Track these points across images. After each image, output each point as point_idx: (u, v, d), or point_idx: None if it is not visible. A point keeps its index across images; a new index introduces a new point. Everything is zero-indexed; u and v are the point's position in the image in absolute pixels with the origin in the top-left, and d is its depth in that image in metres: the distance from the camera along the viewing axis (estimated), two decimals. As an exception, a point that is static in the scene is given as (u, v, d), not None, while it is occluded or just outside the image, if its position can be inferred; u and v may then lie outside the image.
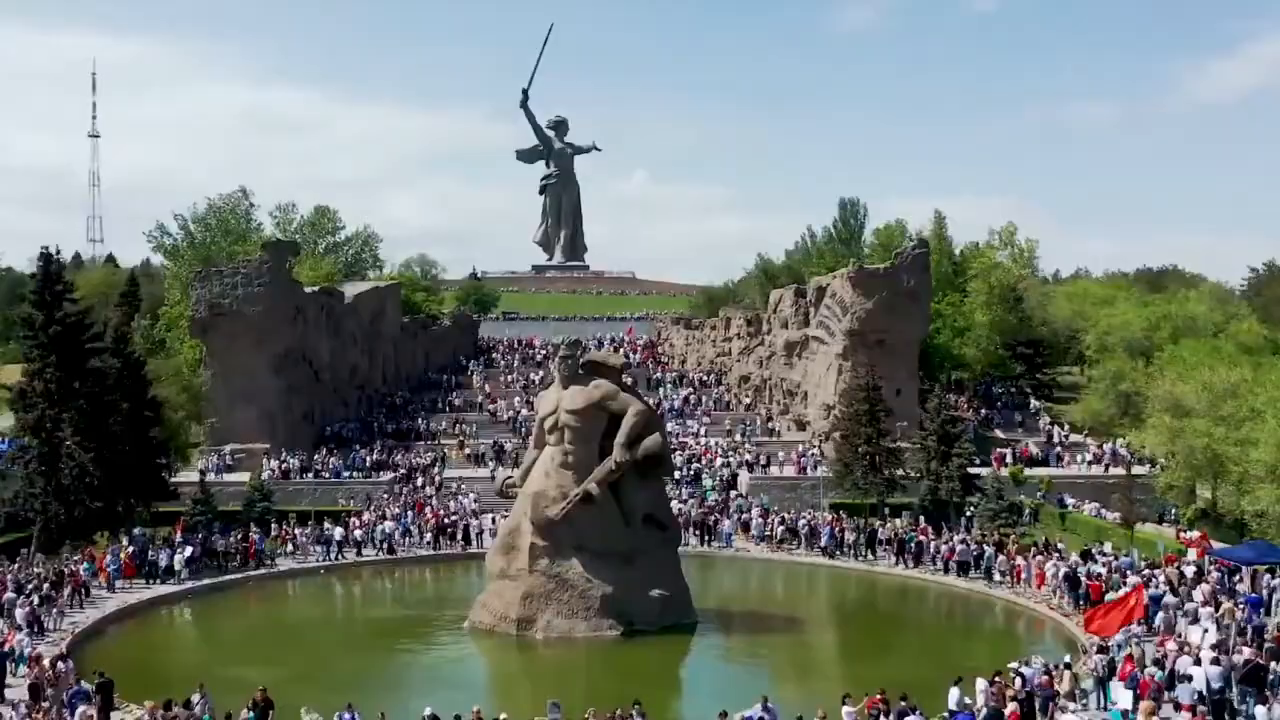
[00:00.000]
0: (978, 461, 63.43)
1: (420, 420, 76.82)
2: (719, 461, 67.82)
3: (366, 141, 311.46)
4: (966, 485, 53.24)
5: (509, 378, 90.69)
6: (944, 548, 48.97)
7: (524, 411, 77.52)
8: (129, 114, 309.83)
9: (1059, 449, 70.57)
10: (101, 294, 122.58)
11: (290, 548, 50.29)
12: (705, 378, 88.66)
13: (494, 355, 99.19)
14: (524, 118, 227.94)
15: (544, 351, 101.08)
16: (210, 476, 64.52)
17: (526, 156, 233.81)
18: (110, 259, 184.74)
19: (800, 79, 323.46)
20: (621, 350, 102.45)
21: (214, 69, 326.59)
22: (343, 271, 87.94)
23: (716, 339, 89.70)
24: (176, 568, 45.94)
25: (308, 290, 73.45)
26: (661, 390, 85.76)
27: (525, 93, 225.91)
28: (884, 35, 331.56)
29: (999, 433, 78.38)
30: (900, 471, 55.88)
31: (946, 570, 48.08)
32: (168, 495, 53.11)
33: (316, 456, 66.83)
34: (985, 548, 47.61)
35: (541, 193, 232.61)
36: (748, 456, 67.32)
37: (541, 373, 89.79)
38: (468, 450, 71.32)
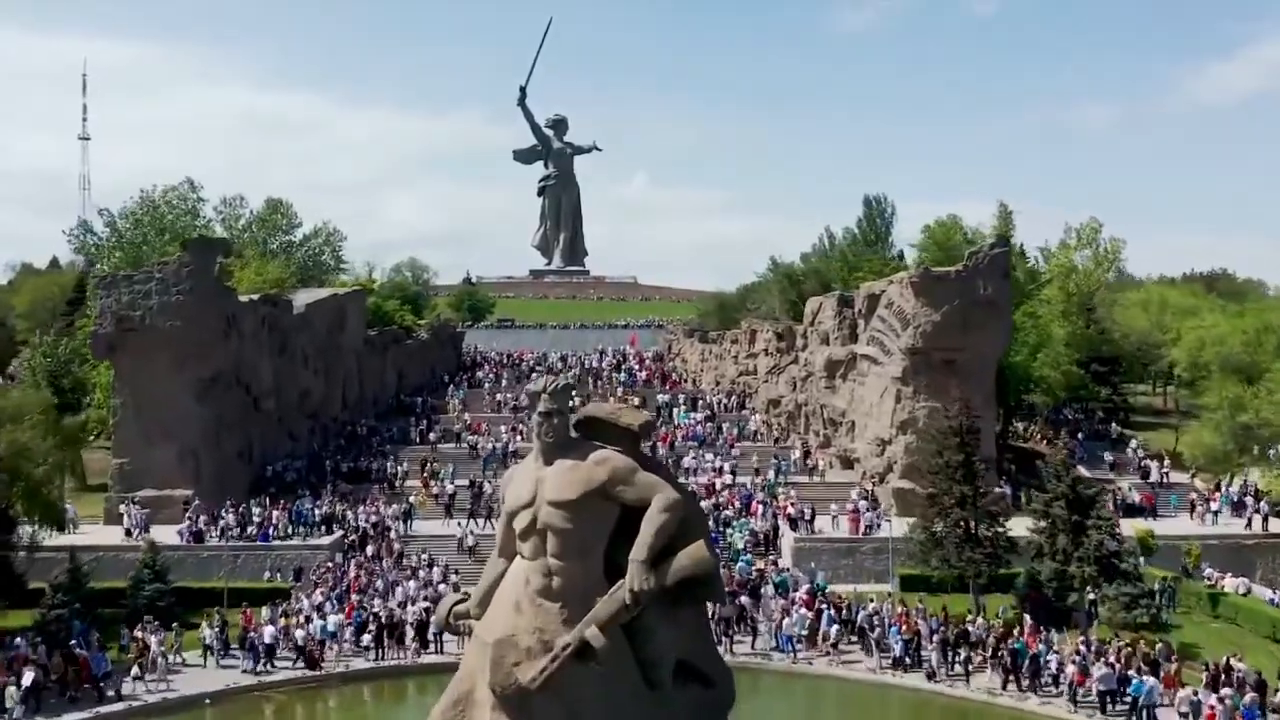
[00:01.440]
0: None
1: (384, 458, 61.56)
2: (757, 512, 52.68)
3: (366, 145, 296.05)
4: (1106, 568, 38.04)
5: (497, 397, 75.51)
6: (1071, 666, 34.06)
7: (516, 443, 62.70)
8: (129, 117, 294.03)
9: (1193, 497, 55.57)
10: (48, 301, 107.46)
11: (138, 670, 33.88)
12: (726, 400, 73.53)
13: (480, 372, 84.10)
14: (522, 117, 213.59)
15: (538, 371, 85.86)
16: (134, 536, 49.73)
17: (524, 157, 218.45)
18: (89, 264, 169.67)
19: (800, 80, 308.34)
20: (623, 366, 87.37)
21: (214, 72, 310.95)
22: (297, 275, 72.74)
23: (739, 355, 74.61)
24: (7, 704, 31.09)
25: (244, 298, 58.32)
26: (675, 414, 70.71)
27: (523, 90, 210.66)
28: (884, 37, 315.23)
29: (1084, 470, 63.42)
30: (1006, 537, 40.62)
31: (1075, 702, 33.18)
32: (11, 579, 37.96)
33: (256, 509, 51.57)
34: (1134, 675, 32.60)
35: (540, 194, 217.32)
36: (790, 507, 52.10)
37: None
38: (434, 490, 56.25)
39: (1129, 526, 49.51)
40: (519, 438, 64.41)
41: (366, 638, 37.69)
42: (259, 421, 58.68)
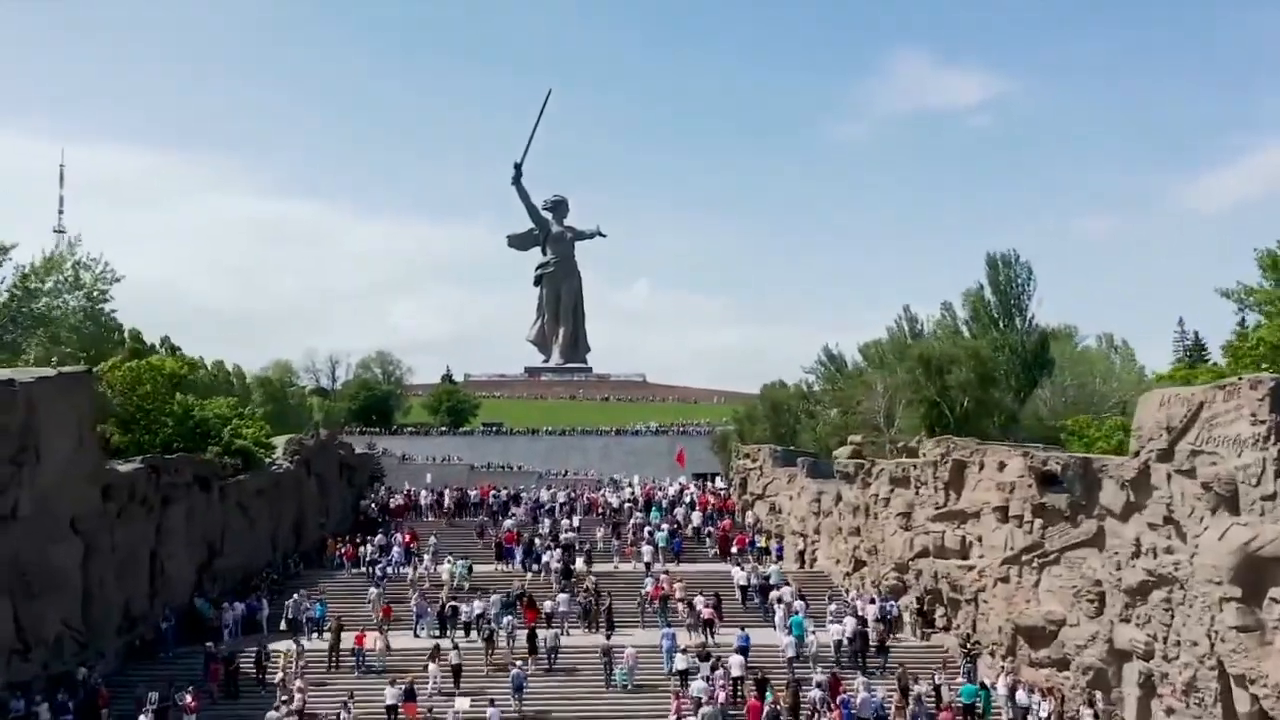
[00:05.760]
0: None
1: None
2: None
3: (371, 253, 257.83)
4: None
5: (418, 594, 34.21)
6: None
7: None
8: (136, 225, 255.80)
9: None
10: None
11: None
12: (887, 607, 32.16)
13: (382, 537, 41.22)
14: (517, 198, 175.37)
15: (514, 517, 44.62)
16: None
17: (520, 242, 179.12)
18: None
19: (797, 190, 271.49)
20: (657, 502, 46.39)
21: (221, 182, 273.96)
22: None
23: (915, 509, 32.60)
24: None
25: None
26: (777, 623, 30.04)
27: (518, 168, 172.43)
28: (879, 148, 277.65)
29: None
30: None
31: None
32: None
33: None
34: None
35: (537, 283, 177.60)
36: None
37: (507, 585, 33.28)
38: None
39: None
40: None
41: None
42: None
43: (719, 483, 48.87)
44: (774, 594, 34.22)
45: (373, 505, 43.70)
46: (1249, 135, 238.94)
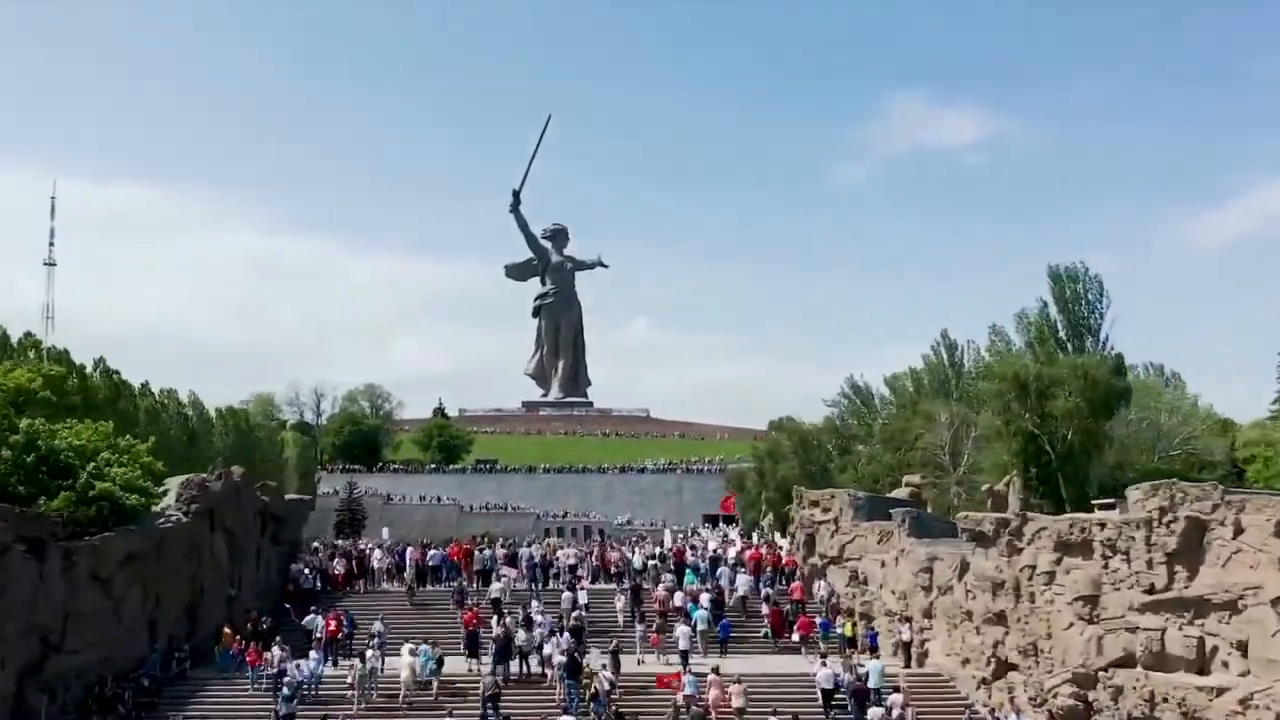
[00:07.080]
0: None
1: None
2: None
3: (370, 289, 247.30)
4: None
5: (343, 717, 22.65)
6: None
7: None
8: (133, 260, 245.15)
9: None
10: None
11: None
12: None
13: (326, 605, 29.60)
14: (515, 226, 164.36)
15: (500, 579, 32.94)
16: None
17: (517, 272, 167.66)
18: None
19: (798, 229, 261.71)
20: (690, 562, 34.78)
21: (220, 218, 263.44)
22: None
23: (1108, 591, 21.06)
24: None
25: None
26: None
27: (516, 195, 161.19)
28: (879, 189, 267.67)
29: None
30: None
31: None
32: None
33: None
34: None
35: (535, 315, 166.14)
36: None
37: None
38: None
39: None
40: None
41: None
42: None
43: (783, 545, 35.96)
44: (876, 711, 22.69)
45: (305, 571, 31.89)
46: (1248, 173, 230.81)
